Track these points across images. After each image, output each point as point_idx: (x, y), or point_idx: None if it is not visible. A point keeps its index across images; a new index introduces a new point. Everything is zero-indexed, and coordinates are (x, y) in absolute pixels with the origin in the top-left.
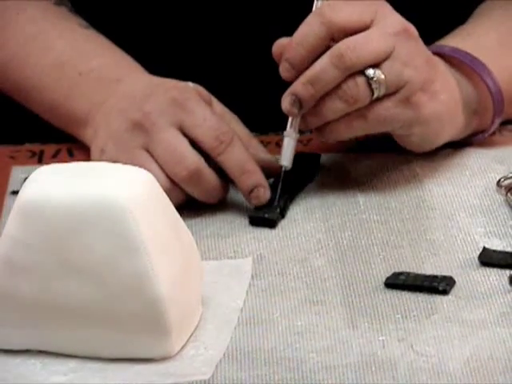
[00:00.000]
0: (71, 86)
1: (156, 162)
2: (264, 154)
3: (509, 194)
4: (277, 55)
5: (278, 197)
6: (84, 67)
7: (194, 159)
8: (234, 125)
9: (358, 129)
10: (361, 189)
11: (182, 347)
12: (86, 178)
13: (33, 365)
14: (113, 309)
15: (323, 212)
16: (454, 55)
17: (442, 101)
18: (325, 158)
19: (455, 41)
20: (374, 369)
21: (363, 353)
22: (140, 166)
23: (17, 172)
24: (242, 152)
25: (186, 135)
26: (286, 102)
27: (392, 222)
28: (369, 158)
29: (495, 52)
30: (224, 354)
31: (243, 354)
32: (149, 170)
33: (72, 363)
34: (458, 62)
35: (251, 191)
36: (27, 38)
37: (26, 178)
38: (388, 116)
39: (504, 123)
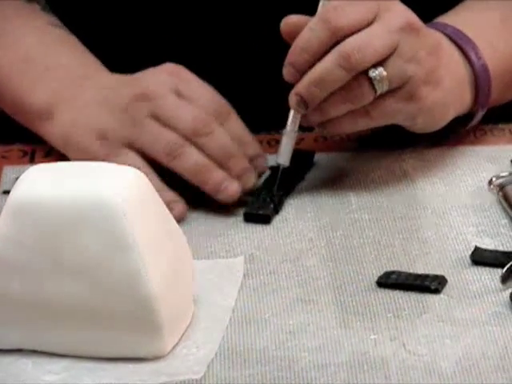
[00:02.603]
0: (37, 79)
1: (168, 125)
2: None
3: (500, 193)
4: (286, 33)
5: (274, 193)
6: (52, 62)
7: (203, 114)
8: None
9: (361, 124)
10: (353, 188)
11: (174, 346)
12: (78, 178)
13: (24, 364)
14: (105, 308)
15: (315, 211)
16: (454, 38)
17: (446, 86)
18: (317, 157)
19: (457, 18)
20: (365, 368)
21: (355, 352)
22: (155, 134)
23: (8, 172)
24: (241, 125)
25: None
26: (292, 102)
27: (384, 221)
28: (361, 157)
29: (497, 28)
30: (216, 353)
31: (235, 353)
32: (162, 136)
33: (64, 362)
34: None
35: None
36: None
37: (17, 178)
38: (391, 111)
39: (495, 122)
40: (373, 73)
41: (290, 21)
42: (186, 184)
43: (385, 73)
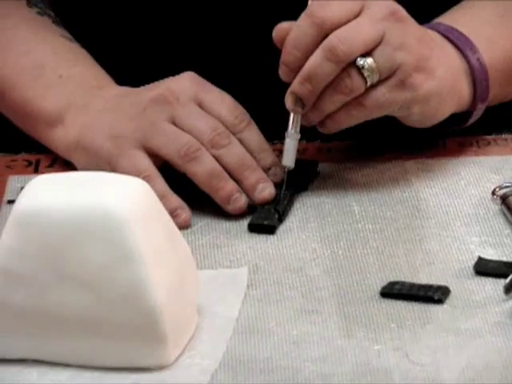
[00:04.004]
0: (49, 85)
1: (187, 131)
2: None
3: (503, 204)
4: (278, 40)
5: (279, 199)
6: (65, 71)
7: (221, 126)
8: None
9: (357, 116)
10: (356, 198)
11: (178, 356)
12: (83, 188)
13: (29, 374)
14: (109, 318)
15: (319, 221)
16: (447, 35)
17: (439, 76)
18: (320, 167)
19: (452, 17)
20: (369, 378)
21: (358, 362)
22: (172, 135)
23: (13, 181)
24: (259, 135)
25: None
26: (288, 102)
27: (387, 232)
28: (364, 167)
29: (495, 24)
30: (220, 363)
31: (239, 363)
32: (180, 137)
33: (69, 372)
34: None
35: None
36: (8, 41)
37: (22, 188)
38: (385, 101)
39: (499, 132)
40: (360, 61)
41: (281, 27)
42: (191, 193)
43: (373, 62)
